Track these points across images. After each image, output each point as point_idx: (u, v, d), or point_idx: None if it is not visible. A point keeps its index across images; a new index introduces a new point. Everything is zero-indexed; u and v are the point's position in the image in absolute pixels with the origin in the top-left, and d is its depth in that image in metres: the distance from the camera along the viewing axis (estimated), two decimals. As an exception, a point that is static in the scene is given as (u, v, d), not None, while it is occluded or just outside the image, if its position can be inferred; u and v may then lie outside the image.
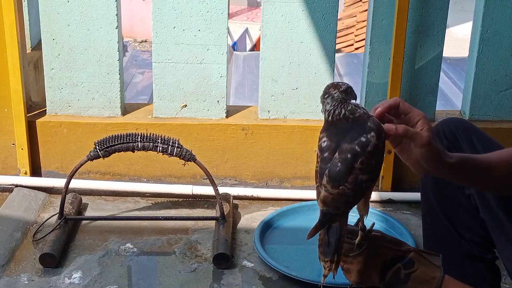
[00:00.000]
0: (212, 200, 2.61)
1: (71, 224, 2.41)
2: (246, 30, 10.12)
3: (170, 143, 2.34)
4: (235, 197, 2.66)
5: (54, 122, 2.66)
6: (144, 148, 2.33)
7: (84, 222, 2.49)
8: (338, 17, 3.86)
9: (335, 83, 1.33)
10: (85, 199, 2.64)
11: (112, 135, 2.33)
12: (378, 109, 1.32)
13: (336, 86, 1.32)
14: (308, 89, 2.68)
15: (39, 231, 2.39)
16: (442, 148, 1.33)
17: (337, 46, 3.98)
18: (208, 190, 2.57)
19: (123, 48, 2.93)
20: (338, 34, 2.99)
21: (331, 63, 2.65)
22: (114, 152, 2.33)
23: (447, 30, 2.70)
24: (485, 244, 1.67)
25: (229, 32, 2.76)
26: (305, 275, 2.14)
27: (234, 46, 8.62)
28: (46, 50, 2.63)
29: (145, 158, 2.68)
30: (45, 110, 2.70)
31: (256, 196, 2.69)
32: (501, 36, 2.62)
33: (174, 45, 2.62)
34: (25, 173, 2.67)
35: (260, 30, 2.75)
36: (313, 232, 1.31)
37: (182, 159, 2.36)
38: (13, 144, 2.66)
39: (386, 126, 1.30)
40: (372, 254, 1.38)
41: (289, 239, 2.44)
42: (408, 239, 2.33)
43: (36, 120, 2.66)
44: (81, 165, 2.37)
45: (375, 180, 1.32)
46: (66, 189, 2.36)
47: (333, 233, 1.30)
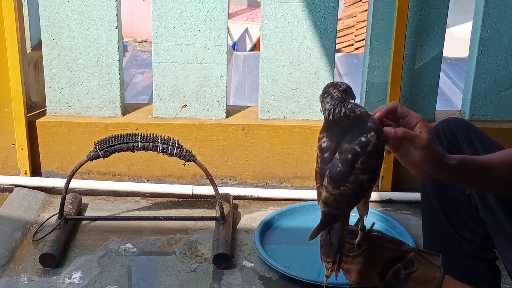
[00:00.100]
0: (212, 200, 2.61)
1: (71, 224, 2.41)
2: (246, 30, 10.12)
3: (170, 143, 2.34)
4: (235, 197, 2.66)
5: (54, 122, 2.66)
6: (144, 148, 2.33)
7: (84, 222, 2.49)
8: (338, 17, 3.86)
9: (334, 83, 1.33)
10: (85, 199, 2.64)
11: (112, 135, 2.33)
12: (376, 114, 1.32)
13: (336, 86, 1.32)
14: (308, 89, 2.68)
15: (39, 231, 2.39)
16: (442, 149, 1.33)
17: (337, 46, 3.98)
18: (208, 190, 2.57)
19: (123, 48, 2.93)
20: (338, 34, 2.99)
21: (331, 63, 2.65)
22: (114, 152, 2.33)
23: (447, 30, 2.70)
24: (485, 244, 1.67)
25: (229, 32, 2.76)
26: (305, 275, 2.14)
27: (234, 46, 8.62)
28: (46, 50, 2.63)
29: (145, 158, 2.68)
30: (45, 110, 2.70)
31: (256, 196, 2.69)
32: (501, 36, 2.62)
33: (174, 45, 2.62)
34: (25, 173, 2.67)
35: (260, 30, 2.75)
36: (315, 233, 1.31)
37: (182, 159, 2.36)
38: (13, 144, 2.66)
39: (385, 129, 1.30)
40: (372, 254, 1.38)
41: (289, 239, 2.44)
42: (408, 239, 2.32)
43: (36, 120, 2.66)
44: (81, 165, 2.37)
45: (375, 179, 1.32)
46: (66, 189, 2.36)
47: (335, 233, 1.30)
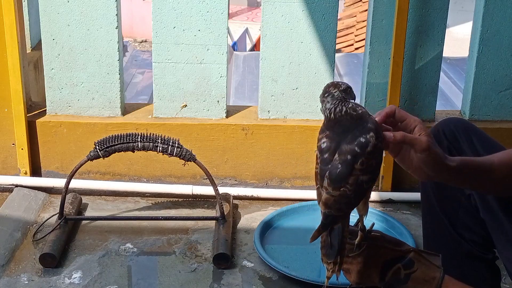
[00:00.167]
0: (212, 200, 2.61)
1: (71, 224, 2.41)
2: (246, 30, 10.12)
3: (170, 143, 2.34)
4: (235, 197, 2.66)
5: (54, 122, 2.66)
6: (144, 148, 2.33)
7: (84, 222, 2.49)
8: (338, 17, 3.86)
9: (335, 83, 1.33)
10: (85, 199, 2.64)
11: (112, 135, 2.33)
12: (376, 119, 1.32)
13: (336, 86, 1.32)
14: (308, 89, 2.68)
15: (39, 231, 2.39)
16: (442, 152, 1.33)
17: (337, 46, 3.98)
18: (208, 190, 2.57)
19: (123, 48, 2.93)
20: (338, 34, 2.99)
21: (331, 63, 2.65)
22: (114, 152, 2.33)
23: (447, 30, 2.70)
24: (485, 244, 1.66)
25: (229, 32, 2.76)
26: (305, 275, 2.14)
27: (234, 46, 8.62)
28: (46, 50, 2.63)
29: (145, 158, 2.68)
30: (45, 110, 2.70)
31: (256, 196, 2.69)
32: (501, 36, 2.62)
33: (174, 45, 2.62)
34: (25, 173, 2.67)
35: (260, 30, 2.75)
36: (316, 235, 1.31)
37: (182, 159, 2.36)
38: (13, 144, 2.66)
39: (384, 134, 1.30)
40: (371, 254, 1.38)
41: (289, 239, 2.44)
42: (408, 239, 2.32)
43: (36, 120, 2.66)
44: (81, 165, 2.37)
45: (375, 180, 1.32)
46: (66, 189, 2.36)
47: (335, 234, 1.30)
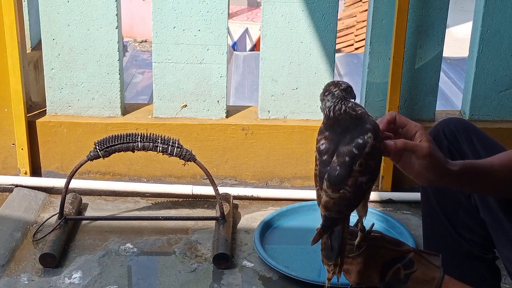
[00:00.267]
0: (212, 200, 2.61)
1: (71, 224, 2.41)
2: (246, 30, 10.12)
3: (170, 143, 2.34)
4: (235, 197, 2.66)
5: (54, 122, 2.66)
6: (144, 148, 2.33)
7: (84, 222, 2.49)
8: (338, 17, 3.86)
9: (335, 82, 1.33)
10: (85, 199, 2.64)
11: (112, 135, 2.33)
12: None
13: (336, 85, 1.32)
14: (308, 89, 2.68)
15: (39, 231, 2.39)
16: (444, 156, 1.33)
17: (337, 46, 3.98)
18: (208, 190, 2.57)
19: (123, 48, 2.93)
20: (338, 34, 2.99)
21: (331, 63, 2.65)
22: (114, 152, 2.33)
23: (447, 30, 2.70)
24: (485, 244, 1.66)
25: (229, 32, 2.76)
26: (305, 275, 2.14)
27: (234, 46, 8.61)
28: (46, 50, 2.63)
29: (145, 158, 2.68)
30: (45, 110, 2.70)
31: (256, 196, 2.69)
32: (501, 36, 2.62)
33: (174, 45, 2.62)
34: (25, 173, 2.67)
35: (260, 30, 2.75)
36: (317, 238, 1.31)
37: (182, 159, 2.36)
38: (13, 144, 2.66)
39: (385, 143, 1.30)
40: (371, 254, 1.38)
41: (289, 239, 2.44)
42: (408, 239, 2.32)
43: (36, 120, 2.66)
44: (81, 165, 2.37)
45: (374, 180, 1.32)
46: (66, 189, 2.36)
47: (336, 236, 1.31)
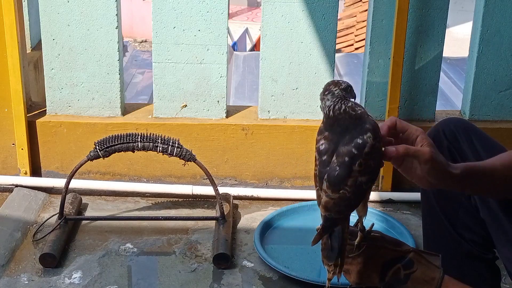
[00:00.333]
0: (212, 200, 2.61)
1: (71, 224, 2.41)
2: (246, 30, 10.12)
3: (170, 143, 2.34)
4: (235, 197, 2.66)
5: (54, 122, 2.66)
6: (144, 148, 2.33)
7: (84, 222, 2.49)
8: (338, 17, 3.86)
9: (336, 81, 1.33)
10: (85, 199, 2.64)
11: (112, 135, 2.33)
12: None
13: (337, 84, 1.32)
14: (308, 89, 2.68)
15: (39, 231, 2.39)
16: (446, 160, 1.33)
17: (337, 46, 3.98)
18: (208, 190, 2.57)
19: (123, 48, 2.93)
20: (338, 34, 2.99)
21: (331, 63, 2.65)
22: (114, 152, 2.33)
23: (447, 30, 2.70)
24: (485, 244, 1.66)
25: (229, 32, 2.76)
26: (305, 275, 2.14)
27: (234, 46, 8.61)
28: (46, 50, 2.63)
29: (145, 158, 2.68)
30: (45, 110, 2.70)
31: (256, 196, 2.69)
32: (501, 36, 2.62)
33: (174, 45, 2.62)
34: (25, 173, 2.67)
35: (260, 30, 2.75)
36: (317, 238, 1.31)
37: (182, 159, 2.36)
38: (13, 144, 2.66)
39: (387, 149, 1.30)
40: (371, 254, 1.38)
41: (289, 239, 2.44)
42: (408, 239, 2.32)
43: (36, 120, 2.66)
44: (81, 165, 2.37)
45: (374, 180, 1.32)
46: (66, 189, 2.36)
47: (336, 237, 1.30)
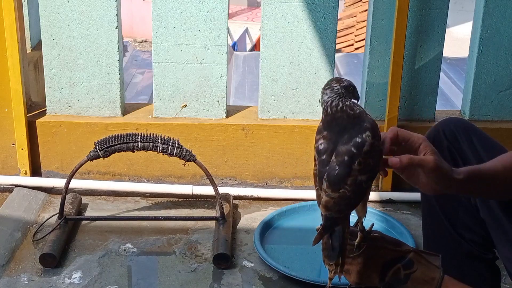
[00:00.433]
0: (212, 200, 2.61)
1: (71, 224, 2.41)
2: (246, 30, 10.12)
3: (170, 143, 2.34)
4: (235, 197, 2.66)
5: (54, 122, 2.66)
6: (144, 148, 2.33)
7: (84, 222, 2.49)
8: (338, 17, 3.86)
9: (339, 78, 1.33)
10: (85, 199, 2.64)
11: (112, 135, 2.33)
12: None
13: (338, 81, 1.32)
14: (308, 89, 2.68)
15: (39, 231, 2.39)
16: (449, 166, 1.33)
17: (337, 46, 3.98)
18: (208, 190, 2.57)
19: (123, 48, 2.93)
20: (338, 34, 2.99)
21: (331, 63, 2.65)
22: (114, 152, 2.33)
23: (447, 30, 2.70)
24: (485, 244, 1.66)
25: (229, 32, 2.76)
26: (305, 275, 2.14)
27: (234, 46, 8.61)
28: (46, 50, 2.63)
29: (145, 158, 2.68)
30: (45, 110, 2.70)
31: (256, 196, 2.69)
32: (501, 36, 2.62)
33: (174, 45, 2.62)
34: (25, 173, 2.67)
35: (260, 30, 2.75)
36: (318, 238, 1.31)
37: (182, 159, 2.36)
38: (13, 144, 2.66)
39: (390, 160, 1.30)
40: (371, 255, 1.38)
41: (289, 239, 2.44)
42: (408, 239, 2.32)
43: (36, 120, 2.66)
44: (81, 165, 2.37)
45: (374, 178, 1.32)
46: (66, 189, 2.36)
47: (336, 236, 1.31)
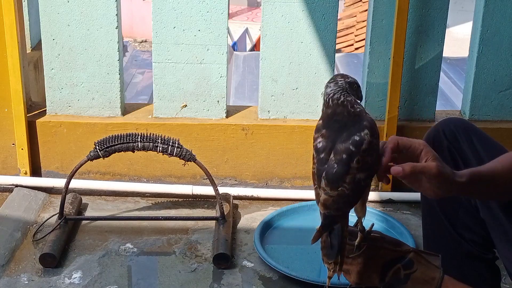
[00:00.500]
0: (212, 200, 2.61)
1: (71, 224, 2.41)
2: (246, 30, 10.12)
3: (170, 143, 2.34)
4: (235, 197, 2.66)
5: (54, 122, 2.66)
6: (144, 148, 2.33)
7: (84, 222, 2.49)
8: (338, 17, 3.86)
9: (344, 74, 1.34)
10: (85, 199, 2.64)
11: (112, 135, 2.33)
12: (383, 159, 1.31)
13: (344, 76, 1.33)
14: (308, 89, 2.68)
15: (39, 231, 2.39)
16: (451, 170, 1.33)
17: (337, 46, 3.98)
18: (208, 190, 2.57)
19: (123, 48, 2.93)
20: (338, 34, 2.99)
21: (331, 63, 2.65)
22: (114, 152, 2.33)
23: (447, 30, 2.70)
24: (485, 244, 1.67)
25: (229, 32, 2.76)
26: (305, 275, 2.14)
27: (234, 46, 8.61)
28: (46, 50, 2.63)
29: (145, 158, 2.68)
30: (45, 110, 2.70)
31: (256, 196, 2.69)
32: (501, 36, 2.62)
33: (174, 45, 2.62)
34: (25, 173, 2.67)
35: (260, 30, 2.75)
36: (317, 236, 1.31)
37: (182, 159, 2.36)
38: (13, 144, 2.66)
39: (393, 169, 1.30)
40: (371, 255, 1.38)
41: (289, 239, 2.44)
42: (408, 239, 2.32)
43: (36, 120, 2.66)
44: (81, 165, 2.37)
45: (372, 176, 1.32)
46: (66, 189, 2.36)
47: (335, 235, 1.31)
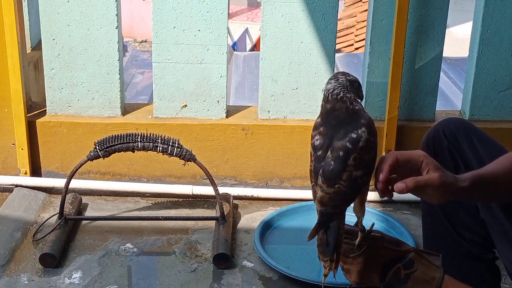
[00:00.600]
0: (212, 200, 2.61)
1: (71, 224, 2.41)
2: (246, 30, 10.12)
3: (170, 143, 2.34)
4: (235, 197, 2.66)
5: (54, 122, 2.66)
6: (144, 148, 2.33)
7: (84, 222, 2.49)
8: (338, 17, 3.86)
9: (345, 72, 1.34)
10: (85, 199, 2.64)
11: (112, 135, 2.33)
12: (381, 176, 1.31)
13: (345, 74, 1.34)
14: (308, 89, 2.68)
15: (39, 231, 2.39)
16: (454, 177, 1.33)
17: (337, 46, 3.98)
18: (208, 190, 2.57)
19: (123, 48, 2.93)
20: (338, 34, 2.99)
21: (331, 63, 2.65)
22: (114, 152, 2.33)
23: (447, 30, 2.70)
24: (485, 244, 1.67)
25: (229, 32, 2.76)
26: (305, 275, 2.14)
27: (234, 46, 8.61)
28: (46, 50, 2.63)
29: (145, 158, 2.68)
30: (45, 110, 2.70)
31: (256, 196, 2.69)
32: (501, 36, 2.62)
33: (174, 45, 2.62)
34: (25, 173, 2.67)
35: (260, 30, 2.75)
36: (313, 233, 1.31)
37: (182, 159, 2.36)
38: (13, 144, 2.66)
39: (396, 187, 1.30)
40: (372, 254, 1.38)
41: (289, 239, 2.44)
42: (408, 239, 2.33)
43: (36, 120, 2.66)
44: (81, 165, 2.37)
45: (370, 174, 1.32)
46: (66, 189, 2.36)
47: (331, 232, 1.31)
